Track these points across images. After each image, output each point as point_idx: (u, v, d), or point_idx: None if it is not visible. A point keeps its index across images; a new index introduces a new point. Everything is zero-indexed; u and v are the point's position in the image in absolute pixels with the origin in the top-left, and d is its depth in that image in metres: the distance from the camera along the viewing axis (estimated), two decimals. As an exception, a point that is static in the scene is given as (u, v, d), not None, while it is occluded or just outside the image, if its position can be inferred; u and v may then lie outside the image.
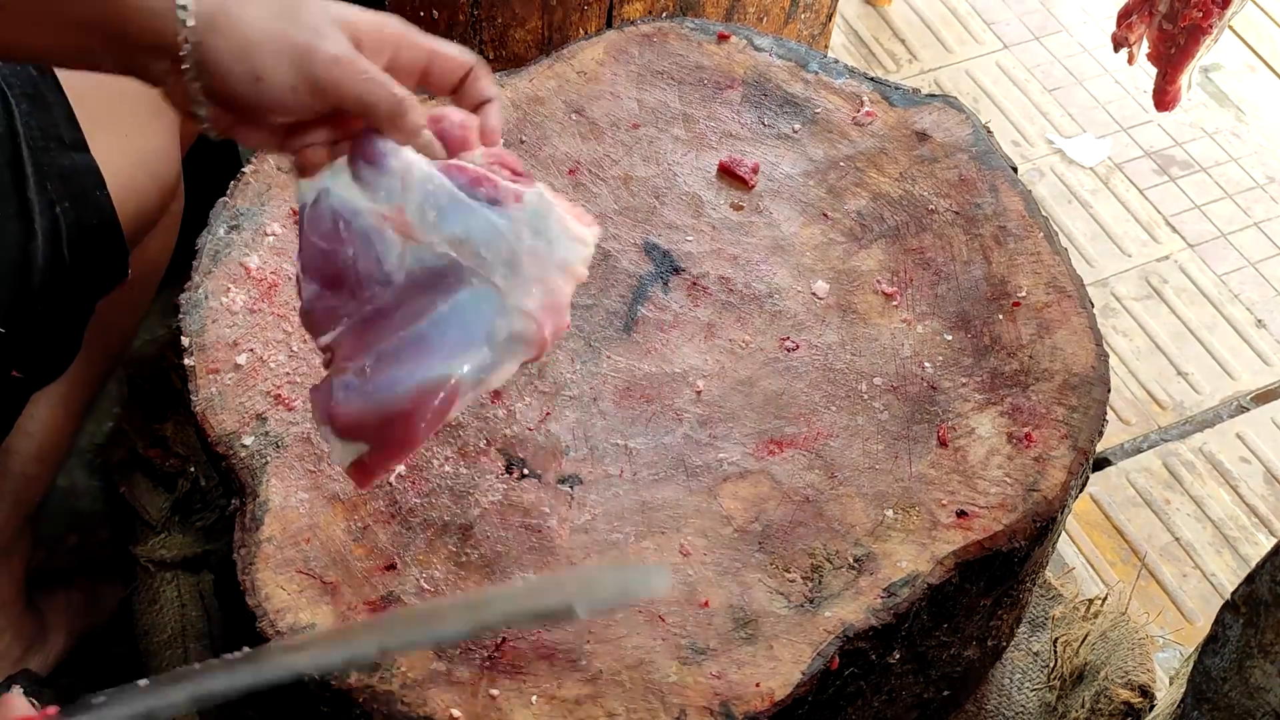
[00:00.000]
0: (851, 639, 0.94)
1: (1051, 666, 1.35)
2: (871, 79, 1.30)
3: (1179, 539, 1.65)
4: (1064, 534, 1.61)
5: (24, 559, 1.29)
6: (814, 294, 1.15)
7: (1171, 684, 1.26)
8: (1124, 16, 1.49)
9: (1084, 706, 1.31)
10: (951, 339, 1.12)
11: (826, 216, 1.21)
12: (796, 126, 1.27)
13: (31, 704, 0.76)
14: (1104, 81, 2.20)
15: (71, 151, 1.07)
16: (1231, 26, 2.18)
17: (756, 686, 0.91)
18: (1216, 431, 1.76)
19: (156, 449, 1.46)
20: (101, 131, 1.09)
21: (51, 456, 1.25)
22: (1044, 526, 1.01)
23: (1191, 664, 1.00)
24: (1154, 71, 1.49)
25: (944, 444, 1.05)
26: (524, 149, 1.23)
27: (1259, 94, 2.20)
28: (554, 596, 0.83)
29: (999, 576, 1.04)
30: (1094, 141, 2.10)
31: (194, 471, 1.45)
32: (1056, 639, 1.36)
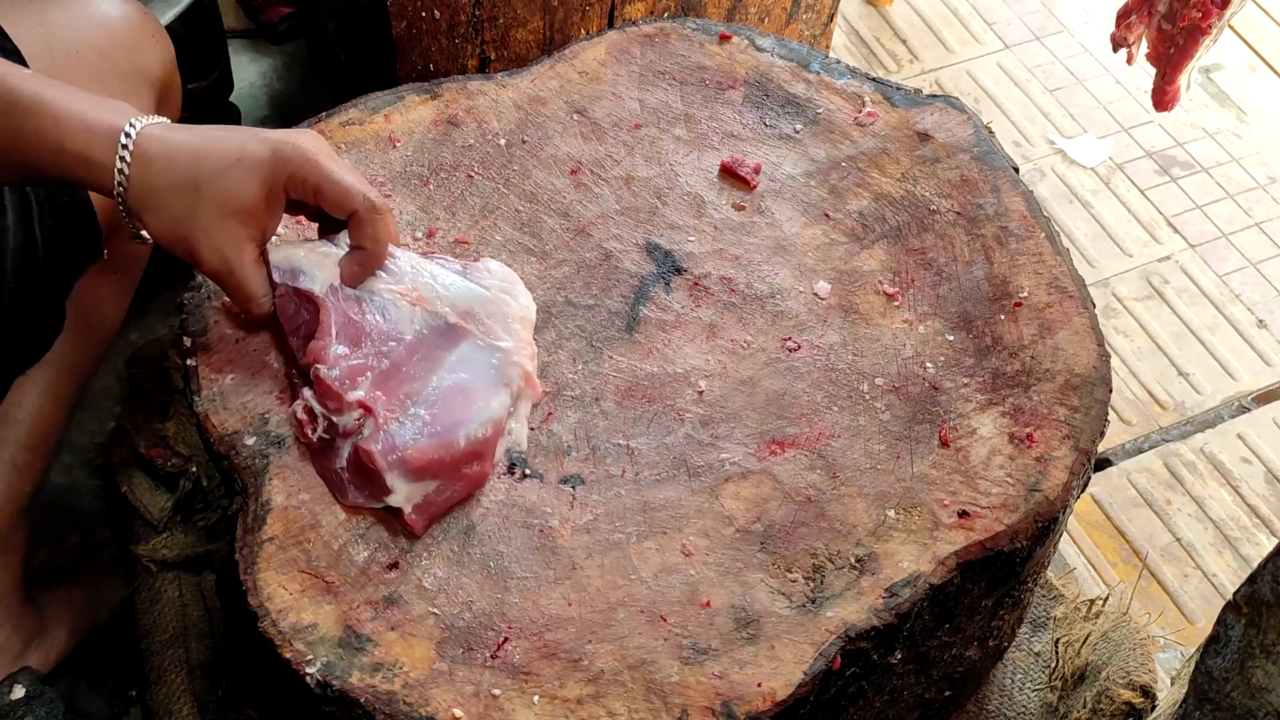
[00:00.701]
0: (853, 639, 0.94)
1: (1053, 667, 1.35)
2: (873, 79, 1.30)
3: (1180, 539, 1.65)
4: (1065, 534, 1.61)
5: (21, 553, 1.29)
6: (816, 294, 1.15)
7: (1173, 684, 1.26)
8: (1123, 16, 1.49)
9: (1085, 707, 1.31)
10: (953, 339, 1.12)
11: (828, 217, 1.21)
12: (798, 127, 1.27)
13: None
14: (1105, 82, 2.20)
15: None
16: (1231, 26, 2.19)
17: (758, 686, 0.91)
18: (1218, 432, 1.76)
19: (158, 449, 1.46)
20: None
21: (43, 446, 1.24)
22: (1045, 527, 1.01)
23: (1193, 664, 1.00)
24: (1154, 72, 1.49)
25: (946, 444, 1.05)
26: (525, 149, 1.23)
27: (1260, 94, 2.20)
28: None
29: (1001, 577, 1.04)
30: (1095, 142, 2.10)
31: (196, 471, 1.45)
32: (1058, 639, 1.36)
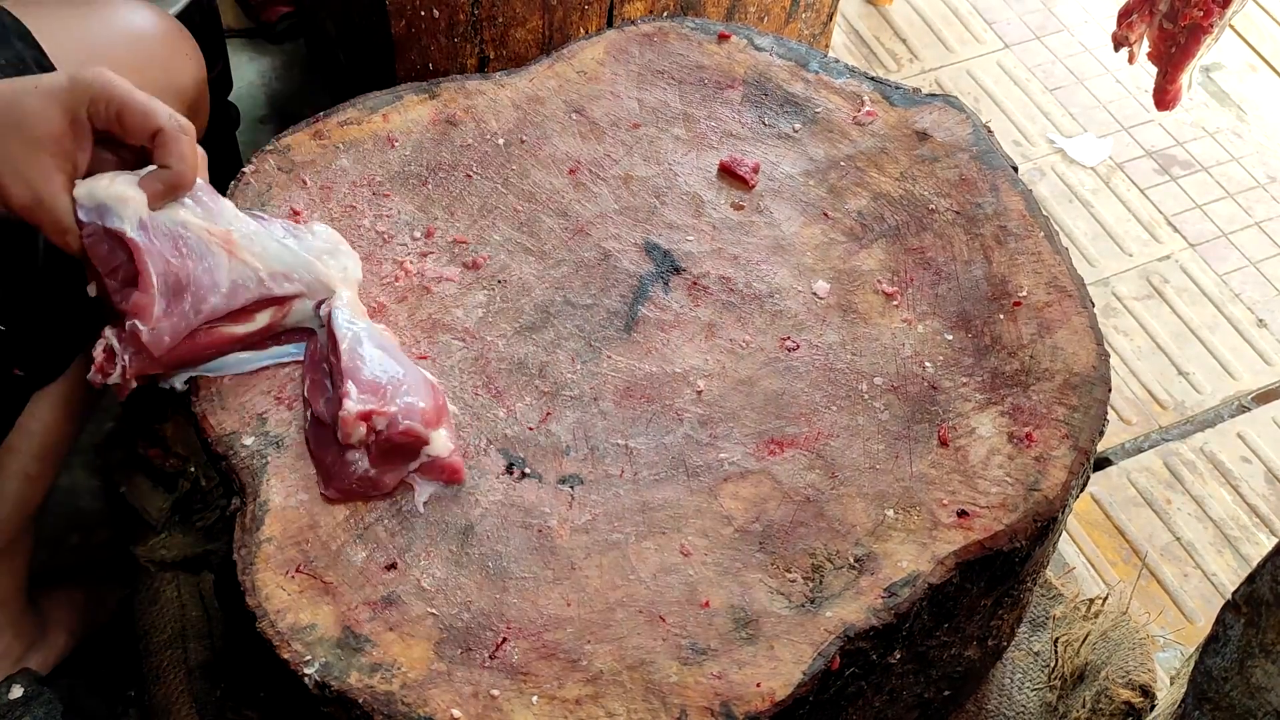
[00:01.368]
0: (852, 639, 0.93)
1: (1052, 666, 1.35)
2: (872, 78, 1.30)
3: (1180, 539, 1.65)
4: (1065, 534, 1.61)
5: (26, 558, 1.29)
6: (814, 294, 1.15)
7: (1172, 684, 1.26)
8: (1124, 16, 1.49)
9: (1085, 706, 1.31)
10: (952, 339, 1.12)
11: (827, 216, 1.20)
12: (797, 126, 1.27)
13: None
14: (1105, 81, 2.19)
15: None
16: (1232, 26, 2.18)
17: (757, 687, 0.91)
18: (1217, 431, 1.76)
19: (157, 449, 1.46)
20: None
21: (53, 456, 1.25)
22: (1045, 526, 1.01)
23: (1192, 664, 1.00)
24: (1155, 71, 1.49)
25: (945, 444, 1.05)
26: (524, 149, 1.23)
27: (1260, 93, 2.20)
28: None
29: (1000, 576, 1.04)
30: (1095, 141, 2.10)
31: (194, 471, 1.45)
32: (1057, 639, 1.36)
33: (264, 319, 1.02)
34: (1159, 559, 1.63)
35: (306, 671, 0.89)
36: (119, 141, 0.96)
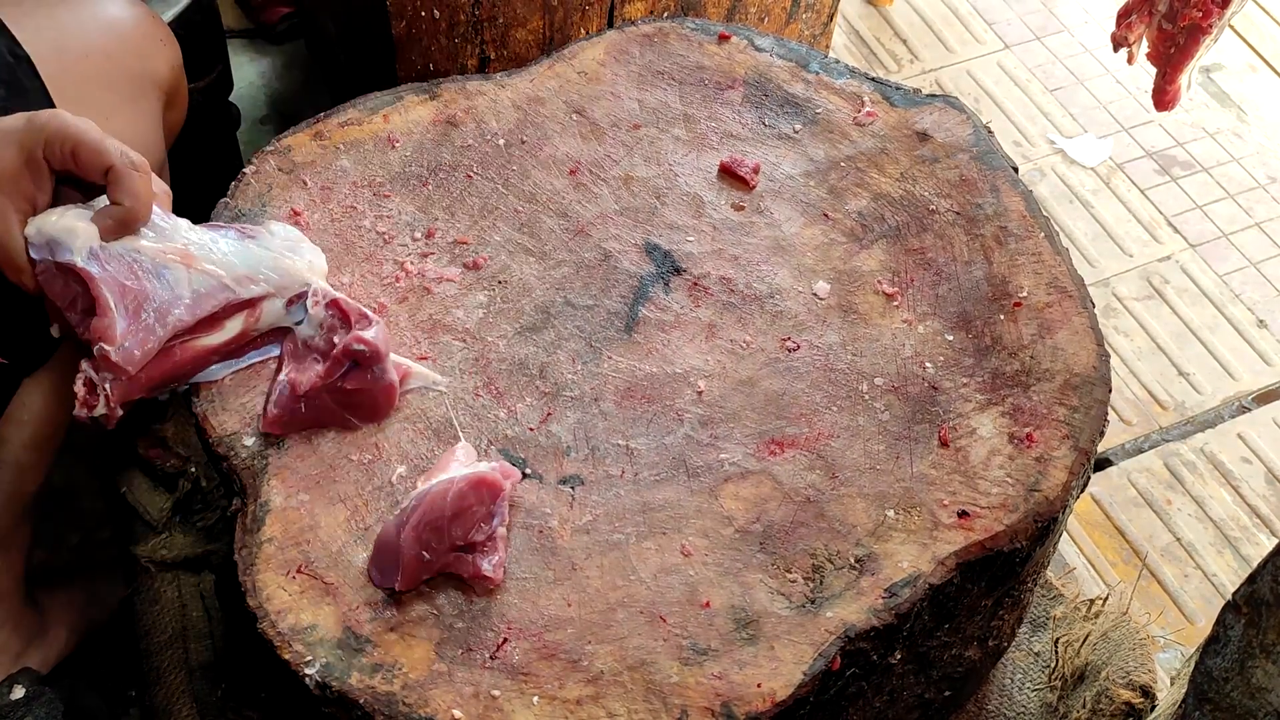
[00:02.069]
0: (853, 639, 0.93)
1: (1053, 667, 1.35)
2: (872, 79, 1.30)
3: (1180, 539, 1.65)
4: (1065, 534, 1.61)
5: (23, 552, 1.29)
6: (815, 294, 1.15)
7: (1173, 684, 1.26)
8: (1123, 16, 1.49)
9: (1085, 707, 1.31)
10: (953, 339, 1.12)
11: (827, 217, 1.20)
12: (797, 127, 1.27)
13: None
14: (1105, 81, 2.20)
15: None
16: (1232, 26, 2.18)
17: (758, 687, 0.91)
18: (1218, 432, 1.76)
19: (157, 449, 1.46)
20: (79, 114, 1.09)
21: (46, 446, 1.24)
22: (1045, 527, 1.01)
23: (1193, 664, 1.00)
24: (1154, 71, 1.49)
25: (945, 444, 1.05)
26: (524, 150, 1.23)
27: (1260, 94, 2.20)
28: None
29: (1000, 577, 1.04)
30: (1095, 141, 2.10)
31: (195, 472, 1.45)
32: (1058, 639, 1.36)
33: (236, 326, 1.02)
34: (1159, 559, 1.63)
35: (307, 672, 0.89)
36: (84, 183, 0.97)
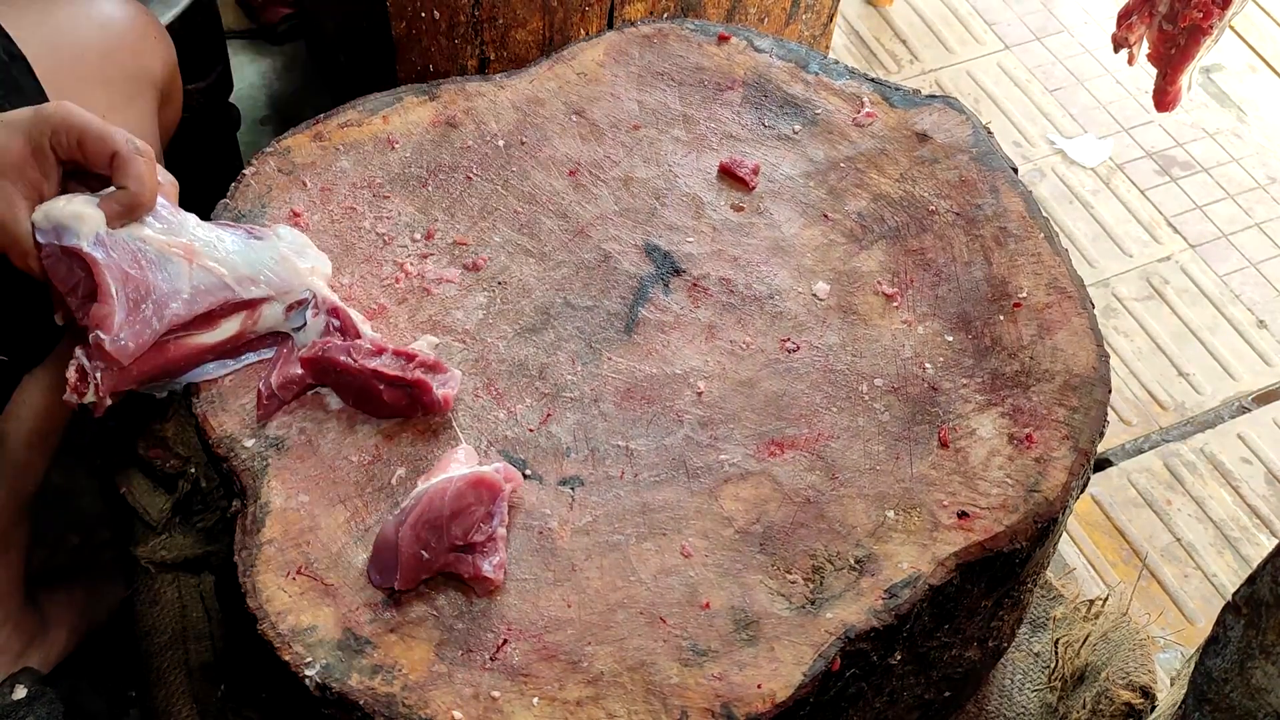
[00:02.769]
0: (853, 640, 0.94)
1: (1052, 667, 1.35)
2: (872, 80, 1.30)
3: (1180, 540, 1.65)
4: (1065, 535, 1.61)
5: (23, 551, 1.29)
6: (815, 295, 1.15)
7: (1173, 685, 1.26)
8: (1124, 17, 1.49)
9: (1085, 707, 1.31)
10: (952, 340, 1.12)
11: (827, 218, 1.21)
12: (797, 127, 1.27)
13: None
14: (1105, 82, 2.20)
15: None
16: (1232, 27, 2.18)
17: (758, 688, 0.91)
18: (1218, 432, 1.76)
19: (157, 449, 1.46)
20: None
21: (45, 443, 1.24)
22: (1045, 527, 1.01)
23: (1193, 665, 1.00)
24: (1155, 72, 1.49)
25: (945, 445, 1.05)
26: (524, 150, 1.23)
27: (1260, 94, 2.20)
28: None
29: (1000, 577, 1.04)
30: (1095, 142, 2.10)
31: (195, 472, 1.45)
32: (1058, 640, 1.36)
33: (233, 326, 1.02)
34: (1159, 560, 1.63)
35: (307, 673, 0.89)
36: (90, 173, 0.98)
